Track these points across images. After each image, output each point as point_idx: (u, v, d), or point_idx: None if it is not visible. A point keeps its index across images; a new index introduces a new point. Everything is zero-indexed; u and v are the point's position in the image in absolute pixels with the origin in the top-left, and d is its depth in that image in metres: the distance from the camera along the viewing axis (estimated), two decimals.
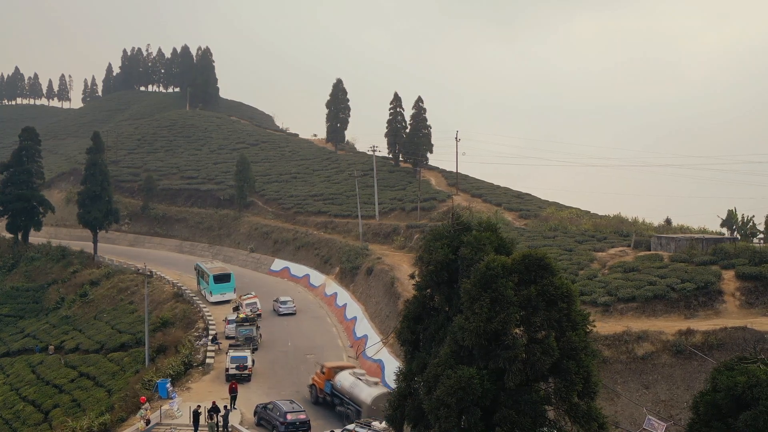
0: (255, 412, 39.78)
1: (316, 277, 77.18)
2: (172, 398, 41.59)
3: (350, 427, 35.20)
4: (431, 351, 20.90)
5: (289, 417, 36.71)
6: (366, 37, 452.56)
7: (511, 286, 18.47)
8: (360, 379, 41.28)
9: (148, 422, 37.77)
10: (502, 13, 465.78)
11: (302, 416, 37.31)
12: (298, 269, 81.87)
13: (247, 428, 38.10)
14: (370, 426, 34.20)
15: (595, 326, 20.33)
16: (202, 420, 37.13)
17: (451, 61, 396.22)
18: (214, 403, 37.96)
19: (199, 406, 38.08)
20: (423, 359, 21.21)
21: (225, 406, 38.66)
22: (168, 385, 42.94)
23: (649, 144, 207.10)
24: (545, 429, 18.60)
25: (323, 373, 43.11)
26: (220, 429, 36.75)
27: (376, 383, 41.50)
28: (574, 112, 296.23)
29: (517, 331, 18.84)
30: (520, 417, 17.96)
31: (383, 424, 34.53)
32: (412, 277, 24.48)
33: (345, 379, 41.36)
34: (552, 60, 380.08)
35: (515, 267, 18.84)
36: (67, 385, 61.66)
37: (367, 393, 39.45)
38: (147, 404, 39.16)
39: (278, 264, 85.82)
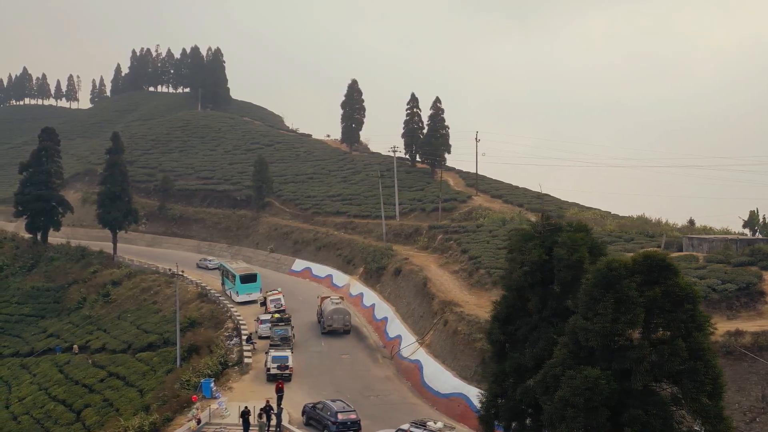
0: (303, 412, 39.89)
1: (340, 278, 77.26)
2: (216, 398, 41.73)
3: (405, 426, 35.37)
4: (524, 352, 20.99)
5: (341, 417, 36.87)
6: (369, 36, 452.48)
7: (635, 287, 18.61)
8: (332, 302, 60.61)
9: (198, 422, 37.93)
10: (509, 11, 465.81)
11: (353, 416, 37.46)
12: (320, 269, 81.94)
13: (296, 428, 38.23)
14: (424, 426, 34.34)
15: (717, 328, 20.42)
16: (252, 420, 37.21)
17: (457, 61, 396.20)
18: (267, 402, 38.09)
19: (246, 407, 38.12)
20: (517, 360, 21.30)
21: (279, 405, 38.79)
22: (212, 384, 43.07)
23: (658, 141, 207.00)
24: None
25: (320, 300, 62.56)
26: (272, 429, 36.89)
27: (338, 303, 60.63)
28: (583, 109, 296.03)
29: (632, 332, 18.92)
30: (651, 418, 18.05)
31: (438, 424, 34.77)
32: (502, 278, 24.54)
33: (325, 303, 60.63)
34: (561, 57, 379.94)
35: (637, 267, 18.99)
36: (96, 385, 61.76)
37: (328, 308, 59.07)
38: (198, 403, 39.29)
39: (299, 264, 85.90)
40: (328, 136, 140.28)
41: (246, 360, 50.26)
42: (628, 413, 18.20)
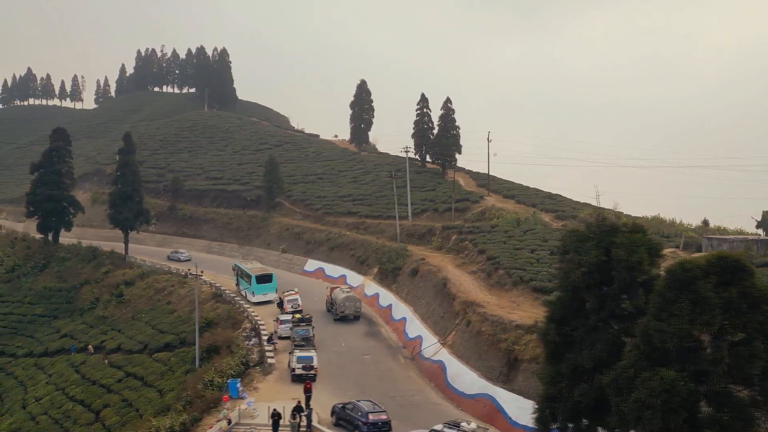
0: (333, 412, 39.91)
1: (354, 278, 77.18)
2: (243, 398, 41.79)
3: (438, 427, 35.42)
4: (582, 353, 20.99)
5: (371, 417, 36.92)
6: (369, 37, 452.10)
7: (709, 288, 18.64)
8: (342, 291, 65.28)
9: (229, 422, 38.01)
10: (509, 12, 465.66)
11: (383, 416, 37.51)
12: (333, 270, 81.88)
13: (326, 428, 38.26)
14: (458, 426, 34.39)
15: None
16: (284, 421, 37.20)
17: (457, 61, 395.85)
18: (299, 402, 38.15)
19: (275, 409, 38.05)
20: (574, 361, 21.32)
21: (307, 405, 38.84)
22: (238, 385, 43.13)
23: (662, 142, 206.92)
24: None
25: (330, 290, 66.92)
26: (303, 429, 36.93)
27: (348, 292, 65.23)
28: (583, 109, 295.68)
29: (700, 333, 18.91)
30: (732, 420, 18.04)
31: (471, 425, 34.83)
32: (558, 278, 24.47)
33: (335, 293, 64.91)
34: (561, 57, 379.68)
35: (711, 269, 19.00)
36: (114, 386, 61.84)
37: (339, 297, 63.18)
38: (228, 404, 39.37)
39: (312, 264, 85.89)
40: (336, 136, 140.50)
41: (269, 360, 50.27)
42: (708, 415, 18.23)
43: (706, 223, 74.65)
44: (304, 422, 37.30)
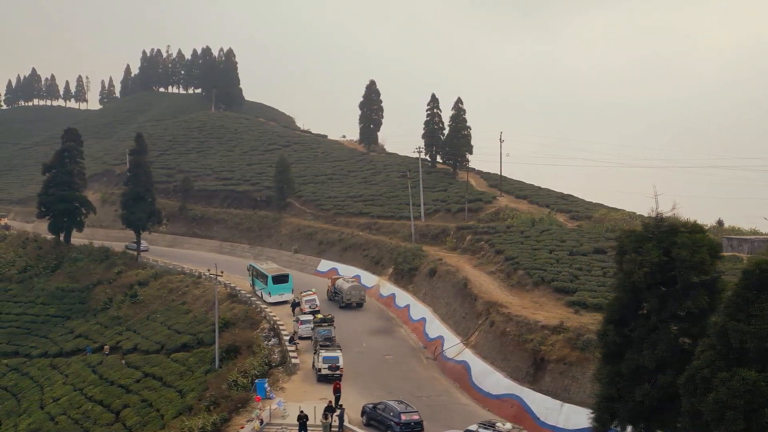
0: (363, 413, 39.93)
1: (368, 278, 77.12)
2: (270, 398, 41.83)
3: (473, 427, 35.46)
4: (642, 353, 21.04)
5: (404, 417, 36.96)
6: (368, 37, 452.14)
7: None
8: (345, 281, 70.11)
9: (261, 422, 38.07)
10: (510, 12, 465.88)
11: (416, 416, 37.56)
12: (347, 270, 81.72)
13: (357, 428, 38.28)
14: (493, 427, 34.44)
15: None
16: (313, 421, 37.24)
17: (456, 62, 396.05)
18: (330, 402, 38.18)
19: (302, 411, 38.05)
20: (635, 361, 21.37)
21: (339, 406, 38.90)
22: (266, 385, 43.19)
23: (661, 142, 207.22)
24: None
25: (332, 281, 71.63)
26: (335, 429, 36.97)
27: (352, 281, 70.62)
28: (585, 109, 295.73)
29: None
30: None
31: (507, 426, 34.88)
32: (616, 278, 24.41)
33: (339, 283, 69.56)
34: (562, 57, 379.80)
35: None
36: (133, 386, 61.82)
37: (345, 286, 68.02)
38: (261, 404, 39.41)
39: (325, 265, 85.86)
40: (344, 136, 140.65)
41: (293, 360, 50.30)
42: None
43: (720, 223, 74.67)
44: (335, 422, 37.31)
